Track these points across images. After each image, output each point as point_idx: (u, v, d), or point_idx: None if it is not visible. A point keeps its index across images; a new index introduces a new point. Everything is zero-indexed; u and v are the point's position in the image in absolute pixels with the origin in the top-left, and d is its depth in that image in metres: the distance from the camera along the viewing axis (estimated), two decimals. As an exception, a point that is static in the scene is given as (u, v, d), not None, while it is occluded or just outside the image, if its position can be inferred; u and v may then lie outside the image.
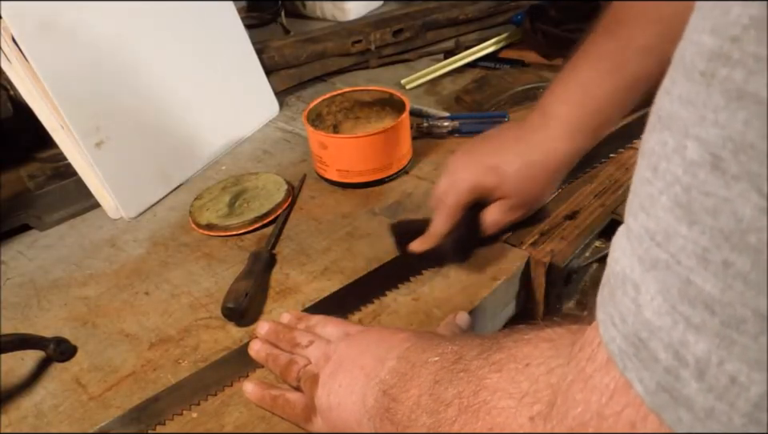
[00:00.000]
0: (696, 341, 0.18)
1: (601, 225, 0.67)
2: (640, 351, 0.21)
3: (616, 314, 0.22)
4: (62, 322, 0.62)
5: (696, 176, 0.18)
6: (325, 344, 0.49)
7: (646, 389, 0.20)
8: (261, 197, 0.75)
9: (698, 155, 0.18)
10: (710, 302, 0.18)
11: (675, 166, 0.19)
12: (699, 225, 0.18)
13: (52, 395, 0.54)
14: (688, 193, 0.18)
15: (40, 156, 0.82)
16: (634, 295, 0.21)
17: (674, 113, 0.20)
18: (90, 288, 0.67)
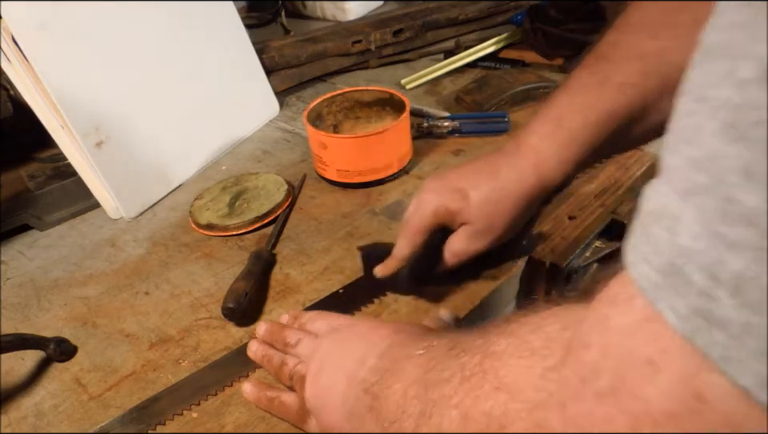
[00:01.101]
0: (733, 258, 0.19)
1: (601, 225, 0.67)
2: (673, 278, 0.20)
3: (649, 249, 0.22)
4: (62, 322, 0.62)
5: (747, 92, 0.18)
6: (312, 340, 0.50)
7: (678, 315, 0.20)
8: (261, 197, 0.75)
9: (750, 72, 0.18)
10: (750, 215, 0.18)
11: (725, 89, 0.19)
12: (745, 140, 0.18)
13: (52, 395, 0.54)
14: (736, 112, 0.19)
15: (40, 156, 0.83)
16: (670, 224, 0.21)
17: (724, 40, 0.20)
18: (90, 288, 0.67)
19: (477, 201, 0.54)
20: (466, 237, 0.55)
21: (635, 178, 0.73)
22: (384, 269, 0.59)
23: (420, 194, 0.57)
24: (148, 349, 0.58)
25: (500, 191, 0.53)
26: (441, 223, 0.56)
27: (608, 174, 0.75)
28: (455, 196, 0.54)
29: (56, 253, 0.73)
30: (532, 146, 0.53)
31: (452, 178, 0.56)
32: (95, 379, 0.55)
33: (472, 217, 0.54)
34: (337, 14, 1.30)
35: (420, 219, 0.56)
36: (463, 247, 0.56)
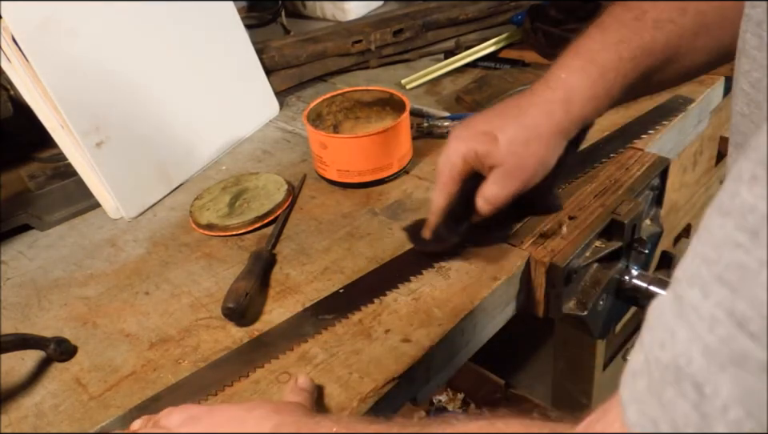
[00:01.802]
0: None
1: (601, 225, 0.67)
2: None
3: (662, 418, 0.17)
4: (62, 322, 0.62)
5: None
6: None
7: None
8: (261, 197, 0.75)
9: None
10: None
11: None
12: None
13: (52, 395, 0.54)
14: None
15: (40, 156, 0.83)
16: (695, 398, 0.15)
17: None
18: (90, 288, 0.67)
19: (505, 141, 0.52)
20: (498, 179, 0.53)
21: (635, 178, 0.73)
22: (426, 229, 0.59)
23: (448, 144, 0.55)
24: (148, 349, 0.58)
25: (528, 129, 0.52)
26: (471, 169, 0.55)
27: (608, 174, 0.75)
28: (483, 139, 0.53)
29: (56, 253, 0.73)
30: (562, 81, 0.51)
31: (478, 122, 0.55)
32: (95, 379, 0.55)
33: (502, 158, 0.52)
34: (337, 13, 1.30)
35: (451, 168, 0.55)
36: (495, 191, 0.54)
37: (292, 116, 0.98)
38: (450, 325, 0.56)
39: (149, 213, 0.78)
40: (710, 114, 0.97)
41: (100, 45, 0.76)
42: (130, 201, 0.77)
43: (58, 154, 0.77)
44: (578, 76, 0.50)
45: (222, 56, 0.91)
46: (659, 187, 0.77)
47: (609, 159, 0.77)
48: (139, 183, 0.79)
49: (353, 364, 0.53)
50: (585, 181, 0.74)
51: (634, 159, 0.77)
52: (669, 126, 0.84)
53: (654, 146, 0.80)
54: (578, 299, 0.66)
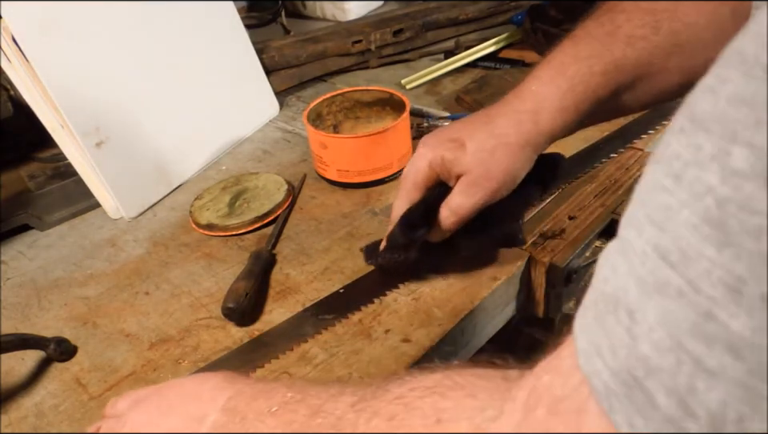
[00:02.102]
0: (708, 389, 0.16)
1: (601, 225, 0.67)
2: (633, 392, 0.18)
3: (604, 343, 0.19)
4: (62, 322, 0.62)
5: (739, 189, 0.15)
6: (114, 422, 0.43)
7: None
8: (261, 197, 0.75)
9: (748, 164, 0.15)
10: (735, 343, 0.15)
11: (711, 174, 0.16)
12: (734, 248, 0.15)
13: (52, 395, 0.54)
14: (723, 208, 0.16)
15: (40, 156, 0.83)
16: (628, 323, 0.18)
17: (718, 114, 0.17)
18: (90, 288, 0.67)
19: (473, 149, 0.51)
20: (464, 188, 0.53)
21: (635, 178, 0.73)
22: (385, 239, 0.58)
23: (415, 151, 0.55)
24: (148, 349, 0.58)
25: (496, 137, 0.51)
26: (437, 176, 0.54)
27: (608, 174, 0.75)
28: (450, 145, 0.53)
29: (56, 253, 0.73)
30: (532, 92, 0.51)
31: (447, 130, 0.55)
32: (95, 379, 0.55)
33: (468, 165, 0.52)
34: (337, 13, 1.30)
35: (415, 173, 0.54)
36: (460, 201, 0.53)
37: (292, 116, 0.98)
38: (450, 325, 0.56)
39: (149, 213, 0.78)
40: (710, 114, 0.97)
41: (100, 45, 0.76)
42: (129, 201, 0.77)
43: (58, 154, 0.77)
44: (547, 88, 0.50)
45: (222, 56, 0.91)
46: (659, 187, 0.77)
47: (609, 159, 0.77)
48: (139, 183, 0.79)
49: (353, 364, 0.53)
50: (585, 181, 0.74)
51: (634, 159, 0.77)
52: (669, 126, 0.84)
53: (654, 146, 0.81)
54: (578, 299, 0.66)
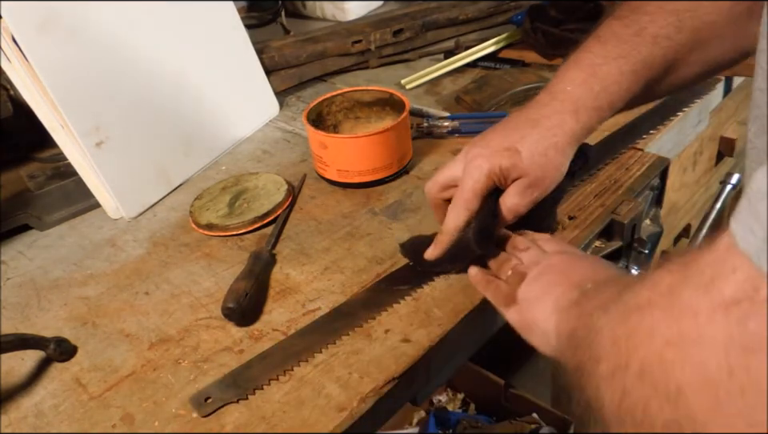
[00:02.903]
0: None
1: (601, 225, 0.67)
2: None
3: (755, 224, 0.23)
4: (62, 322, 0.62)
5: None
6: (540, 253, 0.55)
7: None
8: (261, 197, 0.75)
9: None
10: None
11: None
12: None
13: (52, 395, 0.54)
14: None
15: (40, 156, 0.83)
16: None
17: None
18: (90, 288, 0.67)
19: (528, 154, 0.55)
20: (521, 190, 0.56)
21: (635, 178, 0.73)
22: (436, 248, 0.59)
23: (467, 160, 0.57)
24: (148, 349, 0.58)
25: (547, 140, 0.54)
26: (494, 185, 0.56)
27: (608, 174, 0.75)
28: (505, 154, 0.55)
29: (56, 253, 0.73)
30: (568, 93, 0.54)
31: (495, 138, 0.57)
32: (95, 379, 0.55)
33: (525, 170, 0.55)
34: (337, 14, 1.30)
35: (474, 184, 0.56)
36: (518, 201, 0.56)
37: (292, 116, 0.98)
38: (450, 325, 0.56)
39: (149, 213, 0.78)
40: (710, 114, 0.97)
41: (100, 45, 0.76)
42: (130, 201, 0.77)
43: (58, 154, 0.77)
44: (582, 89, 0.54)
45: (222, 56, 0.91)
46: (659, 187, 0.77)
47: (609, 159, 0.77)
48: (139, 183, 0.79)
49: (353, 364, 0.53)
50: (585, 181, 0.74)
51: (634, 159, 0.77)
52: (669, 126, 0.84)
53: (653, 146, 0.81)
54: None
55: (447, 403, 1.37)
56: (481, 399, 1.35)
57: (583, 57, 0.55)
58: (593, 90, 0.53)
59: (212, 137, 0.88)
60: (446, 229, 0.58)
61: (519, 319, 0.52)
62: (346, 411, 0.50)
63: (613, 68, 0.53)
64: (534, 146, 0.55)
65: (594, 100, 0.53)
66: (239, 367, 0.54)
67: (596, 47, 0.54)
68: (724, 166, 1.20)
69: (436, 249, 0.59)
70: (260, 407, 0.51)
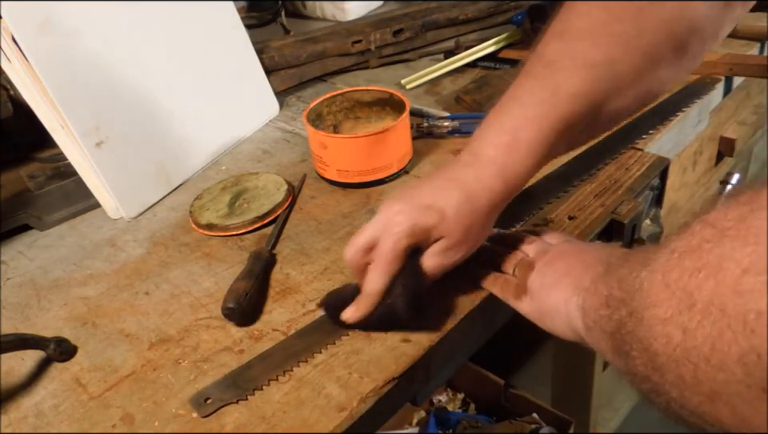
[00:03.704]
0: None
1: (601, 225, 0.67)
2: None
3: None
4: (62, 322, 0.62)
5: None
6: (545, 244, 0.56)
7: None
8: (261, 197, 0.75)
9: None
10: None
11: None
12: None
13: (52, 395, 0.54)
14: None
15: (40, 156, 0.83)
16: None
17: None
18: (90, 288, 0.67)
19: (452, 214, 0.52)
20: (443, 251, 0.53)
21: (635, 178, 0.73)
22: (357, 310, 0.54)
23: (385, 219, 0.53)
24: (148, 349, 0.58)
25: (472, 202, 0.52)
26: (415, 244, 0.53)
27: (608, 174, 0.75)
28: (428, 213, 0.52)
29: (56, 253, 0.73)
30: (491, 157, 0.52)
31: (417, 196, 0.54)
32: (95, 379, 0.55)
33: (448, 231, 0.53)
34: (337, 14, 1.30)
35: (394, 245, 0.52)
36: (439, 262, 0.54)
37: (292, 116, 0.98)
38: (450, 325, 0.56)
39: (149, 213, 0.78)
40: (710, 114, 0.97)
41: (100, 45, 0.76)
42: (129, 201, 0.77)
43: (58, 154, 0.77)
44: (506, 153, 0.52)
45: (222, 56, 0.91)
46: (659, 187, 0.77)
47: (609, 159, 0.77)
48: (139, 183, 0.79)
49: (353, 364, 0.53)
50: (585, 181, 0.74)
51: (634, 159, 0.77)
52: (669, 126, 0.84)
53: (653, 146, 0.81)
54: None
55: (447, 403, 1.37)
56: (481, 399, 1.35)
57: (504, 121, 0.53)
58: (518, 152, 0.52)
59: (212, 137, 0.88)
60: (366, 292, 0.53)
61: (533, 308, 0.52)
62: (345, 411, 0.50)
63: (534, 131, 0.51)
64: (459, 207, 0.52)
65: (521, 164, 0.52)
66: (239, 367, 0.54)
67: (515, 110, 0.52)
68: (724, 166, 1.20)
69: (356, 312, 0.54)
70: (260, 407, 0.51)
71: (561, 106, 0.51)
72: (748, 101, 1.17)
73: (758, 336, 0.25)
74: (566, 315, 0.47)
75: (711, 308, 0.27)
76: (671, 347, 0.30)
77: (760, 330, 0.25)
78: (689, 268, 0.29)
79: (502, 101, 0.54)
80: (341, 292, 0.58)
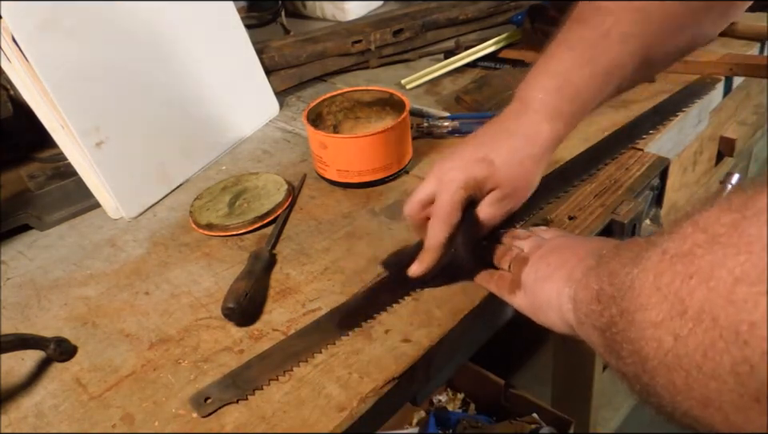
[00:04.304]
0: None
1: (601, 225, 0.67)
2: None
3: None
4: (62, 322, 0.62)
5: None
6: (540, 239, 0.56)
7: None
8: (261, 197, 0.75)
9: None
10: None
11: None
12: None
13: (52, 395, 0.54)
14: None
15: (40, 156, 0.83)
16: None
17: None
18: (90, 288, 0.67)
19: (502, 165, 0.54)
20: (497, 201, 0.55)
21: (635, 178, 0.73)
22: (421, 265, 0.56)
23: (440, 175, 0.55)
24: (148, 349, 0.58)
25: (521, 150, 0.54)
26: (471, 197, 0.55)
27: (608, 174, 0.75)
28: (480, 165, 0.54)
29: (56, 253, 0.73)
30: (541, 101, 0.53)
31: (468, 150, 0.56)
32: (95, 379, 0.55)
33: (499, 180, 0.54)
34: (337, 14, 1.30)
35: (451, 197, 0.54)
36: (493, 212, 0.56)
37: (292, 116, 0.98)
38: (450, 325, 0.56)
39: (149, 213, 0.78)
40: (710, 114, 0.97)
41: (100, 45, 0.76)
42: (129, 201, 0.77)
43: (58, 154, 0.77)
44: (556, 97, 0.53)
45: (222, 56, 0.91)
46: (659, 187, 0.77)
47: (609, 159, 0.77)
48: (139, 183, 0.79)
49: (353, 364, 0.53)
50: (585, 181, 0.74)
51: (634, 159, 0.77)
52: (669, 126, 0.84)
53: (653, 146, 0.81)
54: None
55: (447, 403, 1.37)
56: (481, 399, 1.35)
57: (553, 64, 0.54)
58: (567, 97, 0.53)
59: (212, 137, 0.88)
60: (429, 246, 0.55)
61: (527, 302, 0.52)
62: (345, 411, 0.50)
63: (585, 73, 0.52)
64: (510, 156, 0.54)
65: (569, 107, 0.53)
66: (239, 367, 0.54)
67: (565, 54, 0.53)
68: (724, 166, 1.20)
69: (421, 266, 0.56)
70: (260, 407, 0.51)
71: (612, 47, 0.51)
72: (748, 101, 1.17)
73: (751, 347, 0.25)
74: (558, 307, 0.47)
75: (703, 316, 0.27)
76: (662, 353, 0.29)
77: (753, 341, 0.25)
78: (680, 273, 0.29)
79: (549, 48, 0.54)
80: (400, 253, 0.61)
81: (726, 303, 0.26)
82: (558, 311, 0.47)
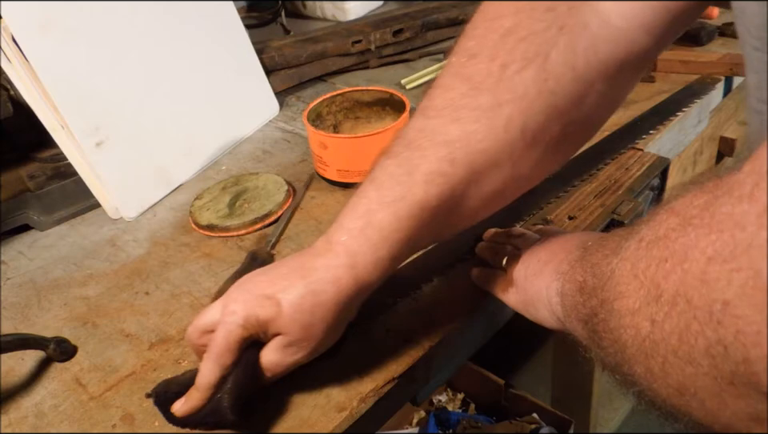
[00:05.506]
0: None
1: (601, 225, 0.67)
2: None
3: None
4: (62, 322, 0.62)
5: None
6: (534, 236, 0.57)
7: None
8: (261, 197, 0.75)
9: None
10: None
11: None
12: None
13: (52, 395, 0.54)
14: None
15: (40, 156, 0.82)
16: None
17: None
18: (90, 288, 0.67)
19: (289, 309, 0.46)
20: (281, 347, 0.47)
21: (635, 178, 0.73)
22: (186, 405, 0.48)
23: (226, 303, 0.47)
24: (148, 349, 0.58)
25: (315, 296, 0.46)
26: (252, 337, 0.47)
27: (608, 174, 0.75)
28: (266, 304, 0.46)
29: (56, 253, 0.73)
30: (344, 246, 0.47)
31: (259, 284, 0.48)
32: (95, 379, 0.55)
33: (285, 327, 0.46)
34: (337, 13, 1.30)
35: (227, 335, 0.46)
36: (278, 360, 0.48)
37: (292, 116, 0.98)
38: (450, 325, 0.56)
39: (149, 213, 0.78)
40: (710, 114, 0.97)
41: (100, 45, 0.76)
42: (129, 201, 0.77)
43: (58, 154, 0.77)
44: (358, 240, 0.47)
45: (222, 56, 0.91)
46: (659, 187, 0.77)
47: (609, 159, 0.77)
48: (139, 183, 0.79)
49: (353, 364, 0.53)
50: (585, 181, 0.74)
51: (634, 159, 0.77)
52: (669, 126, 0.84)
53: (653, 146, 0.81)
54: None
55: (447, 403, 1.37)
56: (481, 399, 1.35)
57: (360, 203, 0.48)
58: (371, 240, 0.46)
59: (212, 137, 0.88)
60: (198, 384, 0.47)
61: (519, 298, 0.52)
62: (345, 411, 0.50)
63: (389, 214, 0.46)
64: (300, 301, 0.46)
65: (372, 253, 0.46)
66: None
67: (371, 192, 0.48)
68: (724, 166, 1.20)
69: (186, 405, 0.48)
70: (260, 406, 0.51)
71: (417, 186, 0.45)
72: (748, 101, 1.17)
73: (724, 327, 0.24)
74: (547, 301, 0.47)
75: (678, 299, 0.27)
76: (640, 339, 0.29)
77: (726, 320, 0.24)
78: (656, 258, 0.29)
79: (362, 184, 0.49)
80: (176, 382, 0.51)
81: (700, 283, 0.25)
82: (548, 305, 0.47)
